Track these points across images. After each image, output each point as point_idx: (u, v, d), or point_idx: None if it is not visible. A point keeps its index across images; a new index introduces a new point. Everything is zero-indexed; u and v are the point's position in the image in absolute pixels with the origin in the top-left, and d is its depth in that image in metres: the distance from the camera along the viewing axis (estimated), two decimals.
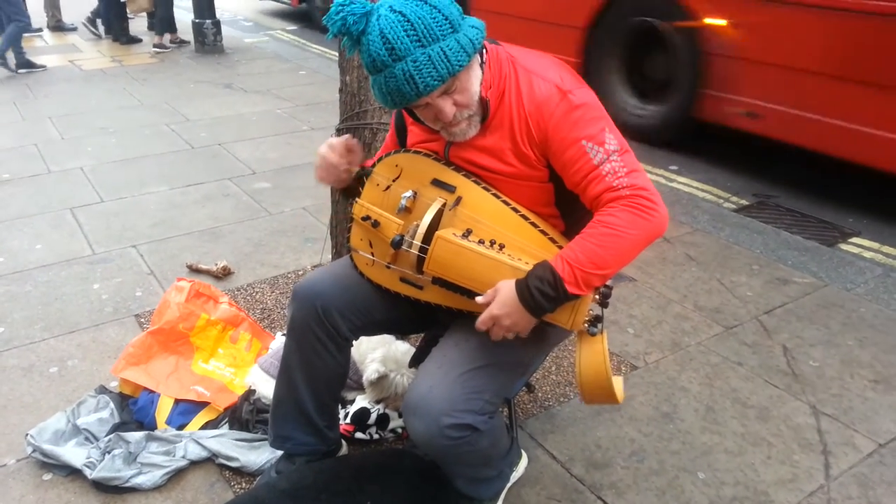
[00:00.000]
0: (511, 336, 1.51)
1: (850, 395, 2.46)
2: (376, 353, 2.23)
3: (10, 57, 6.88)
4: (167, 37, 8.07)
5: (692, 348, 2.72)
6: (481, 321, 1.49)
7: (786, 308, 2.99)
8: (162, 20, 7.94)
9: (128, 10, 8.27)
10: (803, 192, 4.35)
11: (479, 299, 1.49)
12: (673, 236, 3.61)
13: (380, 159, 1.73)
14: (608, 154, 1.45)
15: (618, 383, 1.63)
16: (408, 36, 1.37)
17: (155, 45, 7.98)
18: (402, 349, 2.25)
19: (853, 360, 2.65)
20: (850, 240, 3.74)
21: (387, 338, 2.29)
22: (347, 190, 1.81)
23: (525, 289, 1.43)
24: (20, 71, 6.87)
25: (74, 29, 9.01)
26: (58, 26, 9.04)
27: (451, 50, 1.38)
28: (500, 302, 1.46)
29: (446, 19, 1.39)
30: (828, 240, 3.71)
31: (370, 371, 2.19)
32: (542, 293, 1.42)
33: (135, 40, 8.31)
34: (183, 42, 8.17)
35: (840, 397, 2.45)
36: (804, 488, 2.06)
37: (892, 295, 3.10)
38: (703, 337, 2.79)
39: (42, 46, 8.24)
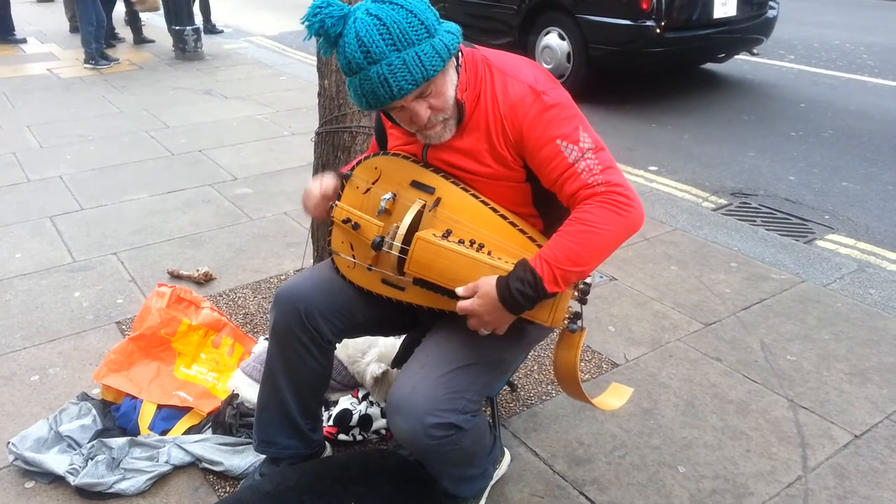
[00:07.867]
0: (489, 331, 1.53)
1: (826, 388, 2.50)
2: (371, 353, 2.25)
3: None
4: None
5: (672, 345, 2.75)
6: (461, 307, 1.50)
7: (763, 304, 3.04)
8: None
9: (137, 9, 8.32)
10: (780, 190, 4.41)
11: (459, 290, 1.50)
12: (652, 235, 3.65)
13: (359, 162, 1.75)
14: (583, 152, 1.47)
15: (621, 393, 1.65)
16: (383, 40, 1.38)
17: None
18: (392, 342, 2.28)
19: (829, 354, 2.69)
20: (826, 236, 3.80)
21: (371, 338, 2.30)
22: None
23: (506, 289, 1.45)
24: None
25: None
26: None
27: (425, 55, 1.40)
28: (480, 299, 1.48)
29: (422, 24, 1.41)
30: (804, 237, 3.77)
31: (372, 370, 2.22)
32: (522, 294, 1.44)
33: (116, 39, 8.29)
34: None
35: (817, 390, 2.49)
36: (782, 480, 2.10)
37: (866, 290, 3.16)
38: (683, 334, 2.83)
39: (20, 55, 8.16)
